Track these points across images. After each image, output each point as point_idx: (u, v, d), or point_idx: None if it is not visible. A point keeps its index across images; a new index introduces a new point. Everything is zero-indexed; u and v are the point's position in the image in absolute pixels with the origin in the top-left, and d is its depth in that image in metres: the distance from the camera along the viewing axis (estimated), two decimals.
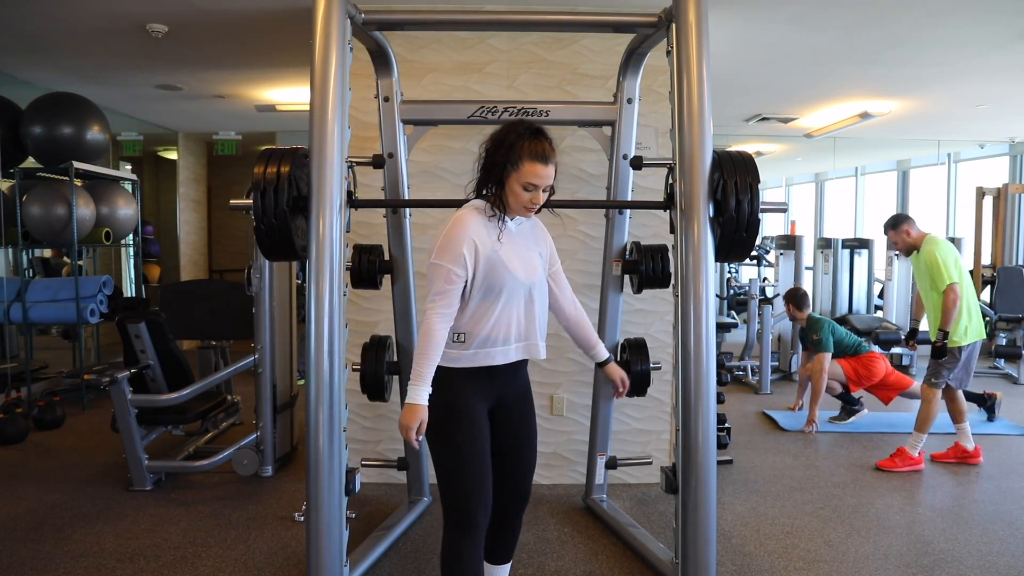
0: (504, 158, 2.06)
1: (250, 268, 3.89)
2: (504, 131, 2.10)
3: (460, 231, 2.08)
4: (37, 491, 3.74)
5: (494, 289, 2.09)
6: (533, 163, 2.05)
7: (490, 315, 2.10)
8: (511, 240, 2.14)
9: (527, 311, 2.15)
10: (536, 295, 2.17)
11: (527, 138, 2.07)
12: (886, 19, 4.24)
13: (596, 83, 3.76)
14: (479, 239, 2.07)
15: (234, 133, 6.66)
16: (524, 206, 2.10)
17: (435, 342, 2.04)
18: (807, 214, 11.68)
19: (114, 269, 8.09)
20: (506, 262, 2.09)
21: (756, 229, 2.38)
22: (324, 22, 2.35)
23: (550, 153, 2.09)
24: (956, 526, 3.36)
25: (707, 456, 2.36)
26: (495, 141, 2.10)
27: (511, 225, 2.15)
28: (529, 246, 2.19)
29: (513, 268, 2.09)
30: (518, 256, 2.13)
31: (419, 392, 2.03)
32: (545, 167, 2.08)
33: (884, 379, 5.10)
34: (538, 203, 2.11)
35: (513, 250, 2.12)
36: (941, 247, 4.11)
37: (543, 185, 2.09)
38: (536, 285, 2.17)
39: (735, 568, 2.94)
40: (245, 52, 5.03)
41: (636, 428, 3.91)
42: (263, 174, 2.33)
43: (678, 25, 2.42)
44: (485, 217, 2.13)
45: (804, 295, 5.61)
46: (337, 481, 2.32)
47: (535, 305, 2.17)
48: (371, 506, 3.58)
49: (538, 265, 2.19)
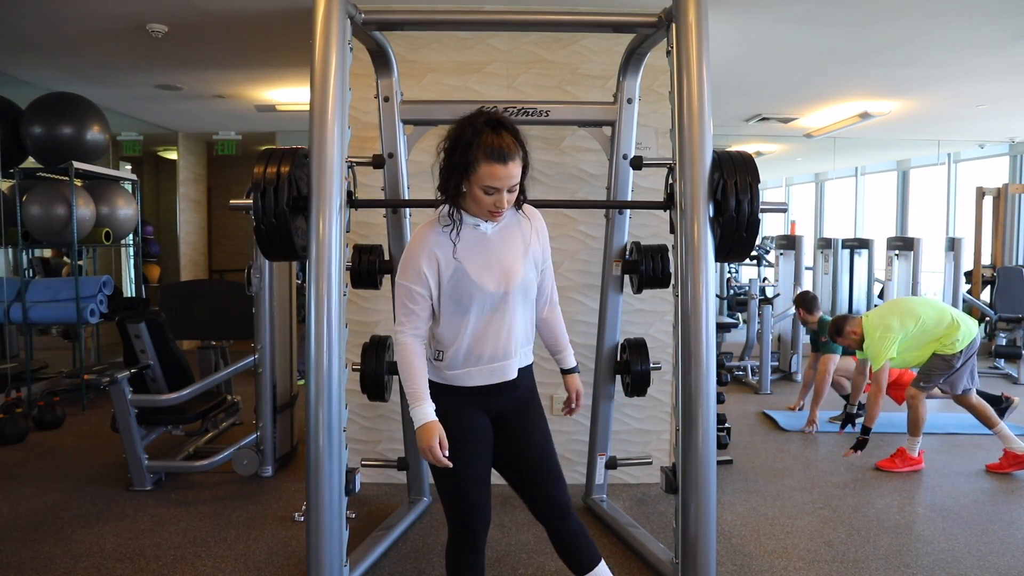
0: (461, 159, 1.86)
1: (250, 268, 3.89)
2: (460, 127, 1.89)
3: (417, 246, 1.97)
4: (37, 491, 3.73)
5: (462, 304, 1.97)
6: (490, 164, 1.84)
7: (463, 332, 1.99)
8: (481, 246, 1.98)
9: (506, 323, 2.00)
10: (517, 302, 2.01)
11: (484, 133, 1.85)
12: (886, 19, 4.24)
13: (596, 83, 3.76)
14: (440, 251, 1.95)
15: (234, 133, 6.66)
16: (488, 210, 1.92)
17: (413, 361, 1.97)
18: (807, 214, 11.68)
19: (114, 269, 8.09)
20: (471, 274, 1.95)
21: (756, 229, 2.38)
22: (324, 22, 2.35)
23: (510, 149, 1.86)
24: (956, 526, 3.36)
25: (707, 456, 2.36)
26: (452, 139, 1.90)
27: (484, 227, 1.98)
28: (509, 247, 2.01)
29: (480, 279, 1.95)
30: (488, 264, 1.97)
31: (422, 410, 1.95)
32: (504, 166, 1.85)
33: (899, 377, 5.10)
34: (502, 206, 1.90)
35: (482, 258, 1.97)
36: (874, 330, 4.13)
37: (505, 186, 1.87)
38: (515, 292, 1.99)
39: (735, 568, 2.94)
40: (245, 52, 5.03)
41: (636, 428, 3.92)
42: (263, 174, 2.33)
43: (678, 25, 2.42)
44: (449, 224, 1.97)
45: (813, 298, 5.64)
46: (337, 481, 2.32)
47: (515, 314, 2.02)
48: (371, 506, 3.58)
49: (518, 269, 2.00)
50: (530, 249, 2.05)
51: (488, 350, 2.01)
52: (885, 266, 7.55)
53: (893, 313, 4.19)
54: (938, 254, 7.54)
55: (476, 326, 1.99)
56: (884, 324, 4.13)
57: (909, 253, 7.16)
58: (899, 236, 7.98)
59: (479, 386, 2.04)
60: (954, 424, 5.06)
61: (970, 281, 8.08)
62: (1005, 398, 5.12)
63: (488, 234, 2.00)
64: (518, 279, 2.00)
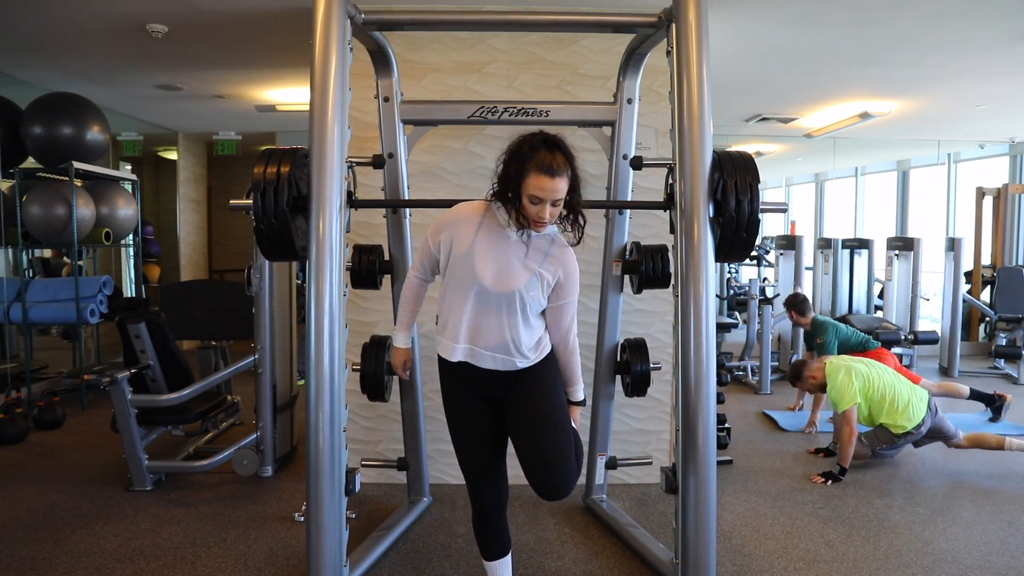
0: (516, 170, 2.06)
1: (250, 268, 3.89)
2: (519, 142, 2.10)
3: (452, 216, 2.21)
4: (37, 491, 3.74)
5: (462, 285, 2.15)
6: (539, 176, 2.02)
7: (462, 312, 2.16)
8: (498, 244, 2.13)
9: (491, 317, 2.14)
10: (515, 308, 2.14)
11: (540, 150, 2.05)
12: (886, 19, 4.23)
13: (596, 83, 3.76)
14: (461, 231, 2.15)
15: (234, 133, 6.66)
16: (533, 220, 2.08)
17: (410, 296, 2.36)
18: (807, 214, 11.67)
19: (114, 269, 8.09)
20: (476, 263, 2.11)
21: (756, 229, 2.38)
22: (324, 22, 2.35)
23: (560, 166, 2.04)
24: (956, 526, 3.36)
25: (707, 456, 2.36)
26: (511, 152, 2.10)
27: (509, 233, 2.14)
28: (527, 260, 2.15)
29: (480, 271, 2.11)
30: (497, 262, 2.12)
31: (398, 337, 2.45)
32: (552, 180, 2.02)
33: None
34: (544, 218, 2.06)
35: (495, 255, 2.12)
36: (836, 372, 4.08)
37: (549, 199, 2.04)
38: (511, 296, 2.12)
39: (735, 568, 2.94)
40: (245, 52, 5.03)
41: (636, 428, 3.91)
42: (263, 174, 2.33)
43: (678, 25, 2.42)
44: (491, 216, 2.16)
45: (804, 299, 5.64)
46: (337, 481, 2.32)
47: (516, 319, 2.15)
48: (371, 506, 3.58)
49: (520, 277, 2.12)
50: (543, 271, 2.17)
51: (482, 340, 2.17)
52: (885, 266, 7.56)
53: (862, 362, 4.16)
54: (938, 254, 7.54)
55: (474, 313, 2.16)
56: (847, 367, 4.08)
57: (909, 253, 7.16)
58: (899, 236, 7.98)
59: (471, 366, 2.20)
60: (952, 423, 5.05)
61: (970, 281, 8.08)
62: (998, 396, 5.14)
63: (511, 240, 2.15)
64: (516, 286, 2.13)
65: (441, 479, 3.87)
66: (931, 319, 8.41)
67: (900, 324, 7.08)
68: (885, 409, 4.02)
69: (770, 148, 9.26)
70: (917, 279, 7.08)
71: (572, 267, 2.23)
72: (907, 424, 3.99)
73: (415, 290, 2.36)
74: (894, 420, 4.01)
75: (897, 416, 4.01)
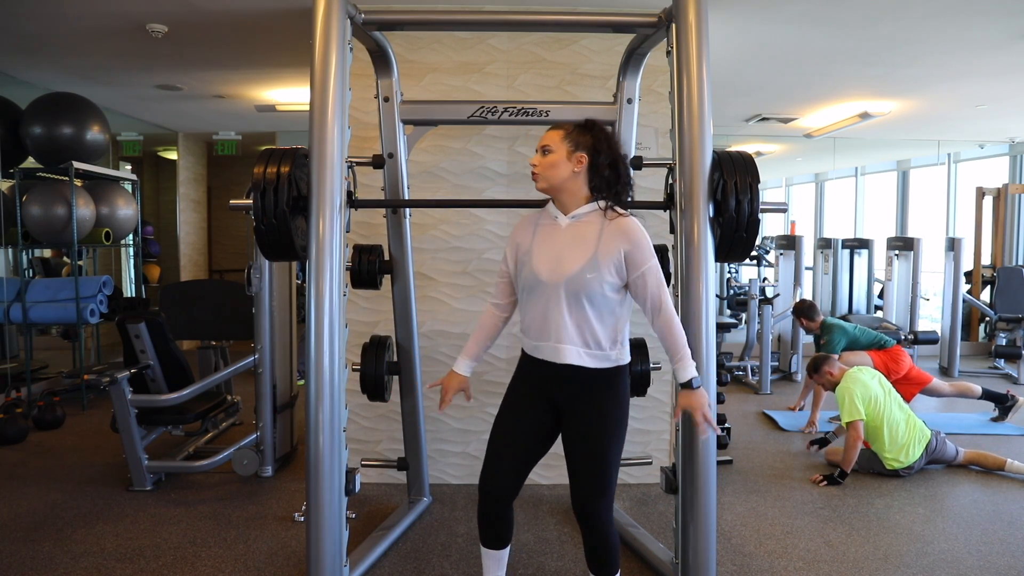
0: None
1: (250, 268, 3.89)
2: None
3: (514, 230, 2.30)
4: (37, 491, 3.74)
5: (527, 284, 2.18)
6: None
7: (529, 311, 2.20)
8: (551, 237, 2.18)
9: (556, 311, 2.11)
10: (568, 296, 2.09)
11: None
12: (886, 19, 4.23)
13: (596, 83, 3.76)
14: (522, 235, 2.24)
15: (234, 133, 6.66)
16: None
17: (481, 322, 2.34)
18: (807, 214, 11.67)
19: (114, 269, 8.09)
20: (533, 260, 2.16)
21: (756, 229, 2.38)
22: (324, 22, 2.35)
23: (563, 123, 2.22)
24: (956, 526, 3.36)
25: (707, 456, 2.36)
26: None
27: (560, 220, 2.18)
28: (576, 244, 2.11)
29: (536, 267, 2.15)
30: (551, 255, 2.14)
31: (458, 362, 2.33)
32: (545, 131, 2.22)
33: (907, 374, 5.12)
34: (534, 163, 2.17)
35: (549, 248, 2.16)
36: (853, 382, 4.04)
37: (539, 145, 2.18)
38: (568, 285, 2.08)
39: (735, 568, 2.94)
40: (245, 52, 5.03)
41: (636, 428, 3.91)
42: (263, 174, 2.33)
43: (678, 25, 2.42)
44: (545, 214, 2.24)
45: (812, 305, 5.68)
46: (337, 481, 2.33)
47: (564, 306, 2.10)
48: (371, 506, 3.58)
49: (573, 265, 2.08)
50: (599, 251, 2.09)
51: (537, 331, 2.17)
52: (885, 266, 7.56)
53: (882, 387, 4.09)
54: (938, 254, 7.54)
55: (537, 308, 2.17)
56: (864, 384, 4.03)
57: (909, 253, 7.16)
58: (899, 236, 7.98)
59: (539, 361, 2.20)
60: (954, 424, 5.06)
61: (970, 281, 8.08)
62: (1011, 396, 5.11)
63: (562, 227, 2.18)
64: (569, 272, 2.09)
65: (441, 479, 3.87)
66: (931, 319, 8.42)
67: (900, 324, 7.08)
68: (881, 439, 3.98)
69: (770, 148, 9.26)
70: (917, 279, 7.08)
71: (635, 234, 2.10)
72: (896, 464, 3.98)
73: (487, 319, 2.33)
74: (884, 453, 3.99)
75: (889, 450, 3.97)
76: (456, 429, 3.88)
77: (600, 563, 2.22)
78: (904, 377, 5.11)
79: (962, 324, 7.61)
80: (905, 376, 5.12)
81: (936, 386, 5.09)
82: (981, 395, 5.04)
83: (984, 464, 4.08)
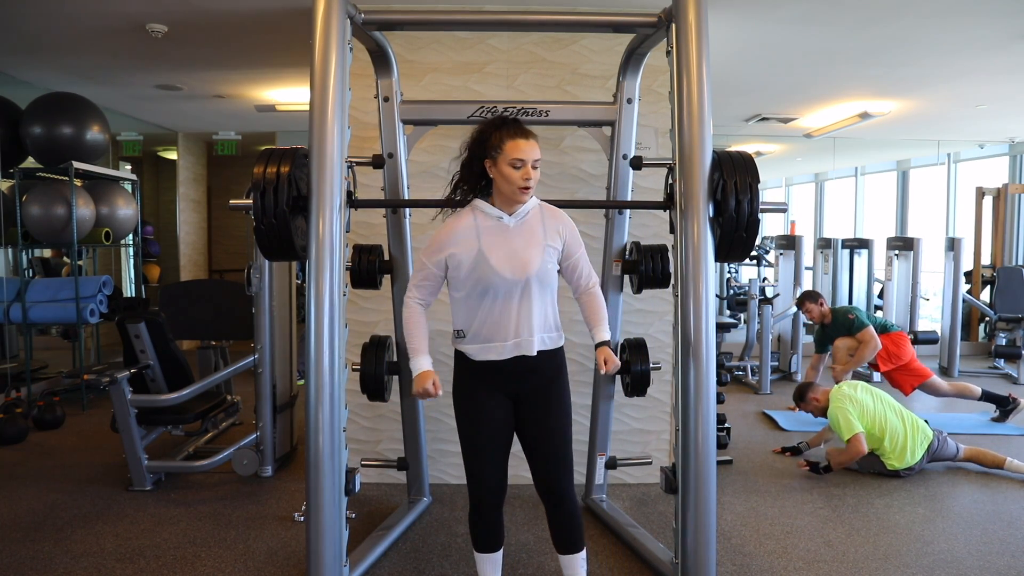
0: (484, 150, 2.18)
1: (250, 268, 3.89)
2: (479, 129, 2.23)
3: (446, 233, 2.24)
4: (37, 491, 3.74)
5: (478, 286, 2.20)
6: (514, 139, 2.14)
7: (480, 312, 2.22)
8: (503, 237, 2.20)
9: (519, 308, 2.20)
10: (532, 290, 2.20)
11: (504, 123, 2.19)
12: (886, 19, 4.24)
13: (596, 83, 3.76)
14: (462, 242, 2.20)
15: (234, 133, 6.66)
16: (519, 187, 2.15)
17: (418, 322, 2.28)
18: (807, 214, 11.67)
19: (114, 269, 8.09)
20: (491, 261, 2.17)
21: (756, 229, 2.38)
22: (324, 22, 2.35)
23: (528, 131, 2.19)
24: (956, 526, 3.36)
25: (707, 456, 2.36)
26: (473, 139, 2.23)
27: (507, 220, 2.22)
28: (529, 240, 2.22)
29: (497, 267, 2.17)
30: (507, 253, 2.19)
31: (418, 362, 2.26)
32: (527, 141, 2.15)
33: (908, 363, 5.11)
34: (530, 178, 2.15)
35: (503, 247, 2.19)
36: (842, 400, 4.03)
37: (530, 159, 2.14)
38: (530, 280, 2.19)
39: (735, 568, 2.94)
40: (245, 52, 5.03)
41: (636, 428, 3.91)
42: (263, 174, 2.33)
43: (678, 25, 2.42)
44: (481, 215, 2.23)
45: (813, 292, 5.66)
46: (337, 481, 2.33)
47: (530, 301, 2.21)
48: (371, 506, 3.58)
49: (535, 259, 2.19)
50: (548, 242, 2.24)
51: (503, 331, 2.21)
52: (885, 266, 7.55)
53: (870, 394, 4.09)
54: (938, 254, 7.54)
55: (494, 309, 2.21)
56: (851, 396, 4.02)
57: (909, 253, 7.16)
58: (899, 236, 7.98)
59: (498, 362, 2.23)
60: (955, 424, 5.06)
61: (970, 281, 8.08)
62: (1012, 399, 5.10)
63: (510, 227, 2.22)
64: (534, 268, 2.19)
65: (441, 479, 3.87)
66: (931, 319, 8.42)
67: (900, 324, 7.08)
68: (883, 447, 3.98)
69: (770, 148, 9.26)
70: (917, 279, 7.08)
71: (569, 224, 2.31)
72: (898, 465, 3.97)
73: (418, 316, 2.31)
74: (886, 457, 3.99)
75: (890, 455, 3.97)
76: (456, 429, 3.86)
77: (573, 539, 2.36)
78: (905, 366, 5.09)
79: (962, 324, 7.60)
80: (906, 365, 5.10)
81: (935, 383, 5.08)
82: (981, 396, 5.03)
83: (983, 461, 4.08)
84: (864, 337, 5.11)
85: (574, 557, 2.37)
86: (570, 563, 2.38)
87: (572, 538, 2.36)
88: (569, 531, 2.35)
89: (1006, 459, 4.03)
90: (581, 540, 2.38)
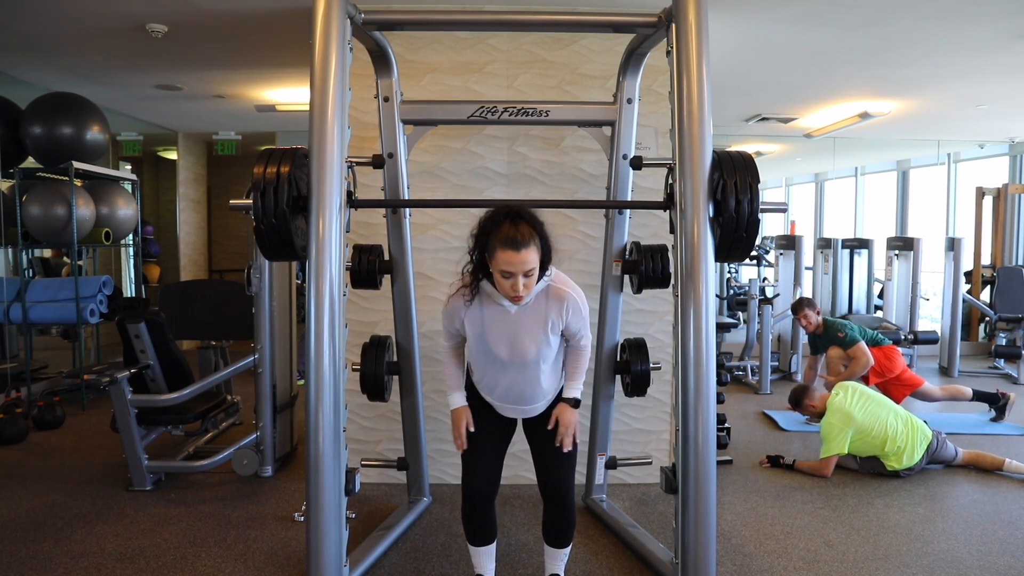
0: (483, 245, 2.18)
1: (250, 268, 3.89)
2: (486, 217, 2.19)
3: (453, 306, 2.33)
4: (37, 491, 3.73)
5: (484, 354, 2.34)
6: (504, 250, 2.09)
7: (485, 369, 2.38)
8: (502, 321, 2.28)
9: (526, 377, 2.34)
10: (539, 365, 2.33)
11: (503, 223, 2.12)
12: (886, 19, 4.23)
13: (596, 83, 3.76)
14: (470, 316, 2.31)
15: (234, 133, 6.66)
16: (509, 296, 2.18)
17: (452, 362, 2.44)
18: (807, 214, 11.67)
19: (114, 269, 8.09)
20: (490, 342, 2.30)
21: (756, 229, 2.37)
22: (324, 22, 2.35)
23: (525, 237, 2.09)
24: (956, 526, 3.36)
25: (707, 456, 2.36)
26: (480, 226, 2.20)
27: (508, 306, 2.27)
28: (529, 326, 2.28)
29: (495, 349, 2.30)
30: (506, 338, 2.28)
31: (452, 398, 2.43)
32: (517, 253, 2.08)
33: (900, 375, 5.13)
34: (519, 291, 2.14)
35: (504, 330, 2.28)
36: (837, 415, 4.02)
37: (519, 271, 2.11)
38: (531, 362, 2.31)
39: (735, 568, 2.94)
40: (245, 52, 5.03)
41: (636, 428, 3.91)
42: (263, 174, 2.33)
43: (678, 25, 2.42)
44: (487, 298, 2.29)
45: (808, 299, 5.65)
46: (337, 481, 2.32)
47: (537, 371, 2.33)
48: (371, 506, 3.58)
49: (532, 346, 2.28)
50: (550, 329, 2.30)
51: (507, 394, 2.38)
52: (885, 266, 7.56)
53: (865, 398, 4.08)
54: (938, 254, 7.54)
55: (500, 376, 2.36)
56: (846, 413, 3.99)
57: (909, 253, 7.16)
58: (899, 236, 7.98)
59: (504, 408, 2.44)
60: (954, 424, 5.06)
61: (970, 281, 8.08)
62: (1001, 395, 5.13)
63: (512, 312, 2.28)
64: (530, 355, 2.30)
65: (441, 479, 3.87)
66: (931, 319, 8.42)
67: (900, 324, 7.08)
68: (881, 448, 3.98)
69: (770, 148, 9.26)
70: (917, 279, 7.08)
71: (574, 302, 2.31)
72: (898, 465, 3.98)
73: (450, 356, 2.45)
74: (887, 459, 3.99)
75: (890, 457, 3.98)
76: None
77: (565, 534, 2.50)
78: (896, 378, 5.14)
79: (962, 324, 7.60)
80: (897, 377, 5.14)
81: (927, 390, 5.13)
82: (972, 397, 5.06)
83: (982, 465, 4.08)
84: (855, 353, 5.13)
85: (559, 551, 2.53)
86: (554, 555, 2.54)
87: (562, 535, 2.50)
88: (560, 528, 2.48)
89: (1005, 460, 4.03)
90: (570, 537, 2.52)
